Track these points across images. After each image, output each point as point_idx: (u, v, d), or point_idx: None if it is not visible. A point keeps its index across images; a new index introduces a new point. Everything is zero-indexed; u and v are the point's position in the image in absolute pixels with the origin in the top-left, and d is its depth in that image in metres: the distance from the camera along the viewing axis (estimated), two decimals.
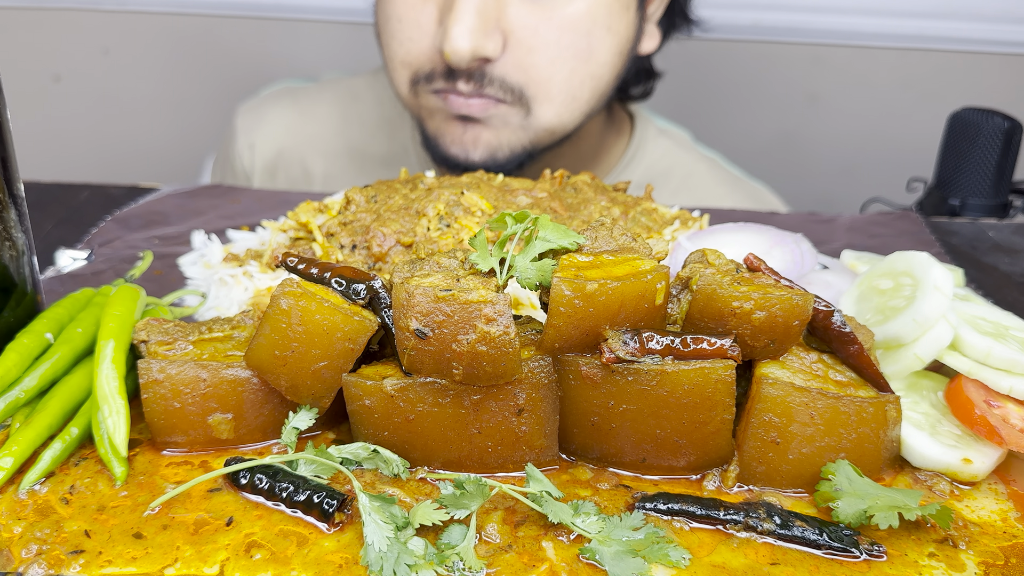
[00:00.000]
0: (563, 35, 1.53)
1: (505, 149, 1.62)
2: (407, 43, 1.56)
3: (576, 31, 1.54)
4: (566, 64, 1.55)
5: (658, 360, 0.83)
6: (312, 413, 0.90)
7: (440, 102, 1.60)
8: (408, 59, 1.58)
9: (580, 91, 1.60)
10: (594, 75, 1.60)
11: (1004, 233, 1.51)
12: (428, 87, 1.59)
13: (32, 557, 0.78)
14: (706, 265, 0.90)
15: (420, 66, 1.58)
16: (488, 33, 1.48)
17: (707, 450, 0.87)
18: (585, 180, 1.33)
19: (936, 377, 0.99)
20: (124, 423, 0.87)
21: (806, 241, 1.21)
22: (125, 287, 1.01)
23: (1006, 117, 1.70)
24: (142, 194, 1.56)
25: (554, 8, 1.52)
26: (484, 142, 1.61)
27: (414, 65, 1.58)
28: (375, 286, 0.90)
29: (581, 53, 1.56)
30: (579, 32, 1.54)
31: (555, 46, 1.53)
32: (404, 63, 1.59)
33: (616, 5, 1.57)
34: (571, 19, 1.53)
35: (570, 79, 1.57)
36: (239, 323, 0.98)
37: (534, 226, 0.88)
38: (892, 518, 0.79)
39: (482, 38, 1.48)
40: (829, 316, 0.89)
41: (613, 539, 0.79)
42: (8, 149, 0.96)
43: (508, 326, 0.80)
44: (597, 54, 1.58)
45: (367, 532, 0.77)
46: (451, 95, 1.57)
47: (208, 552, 0.79)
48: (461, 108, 1.58)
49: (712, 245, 1.19)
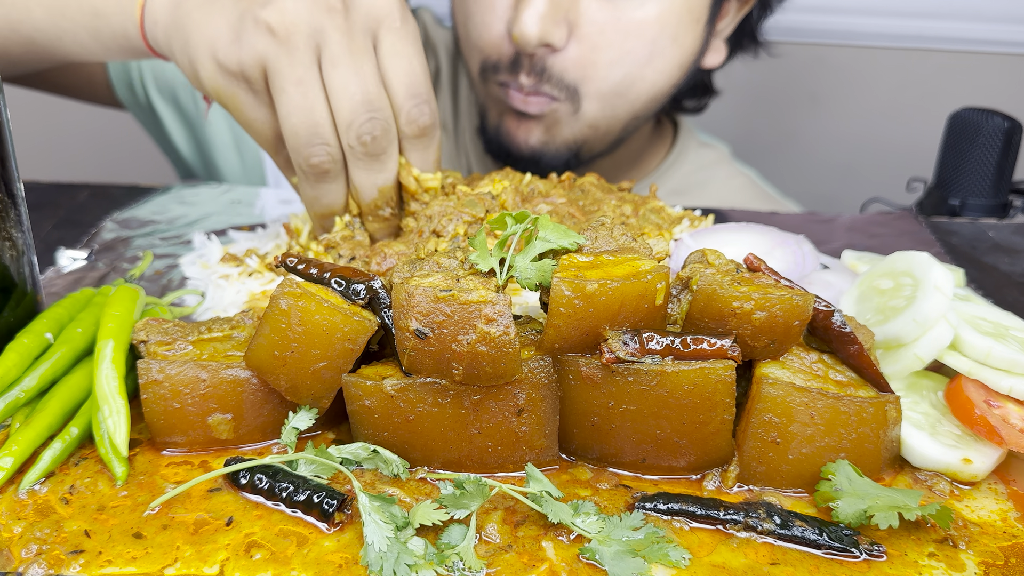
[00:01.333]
0: (628, 38, 1.54)
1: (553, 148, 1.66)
2: (480, 27, 1.57)
3: (642, 37, 1.55)
4: (624, 67, 1.57)
5: (658, 360, 0.83)
6: (312, 413, 0.90)
7: (501, 94, 1.62)
8: (480, 43, 1.59)
9: (629, 93, 1.61)
10: (649, 81, 1.61)
11: (1004, 233, 1.51)
12: (494, 76, 1.61)
13: (32, 557, 0.78)
14: (706, 265, 0.91)
15: (489, 53, 1.59)
16: (557, 22, 1.49)
17: (707, 450, 0.87)
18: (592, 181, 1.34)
19: (936, 377, 0.99)
20: (124, 423, 0.87)
21: (808, 243, 1.21)
22: (124, 287, 1.01)
23: (1006, 117, 1.70)
24: (142, 194, 1.56)
25: (625, 9, 1.53)
26: (535, 137, 1.65)
27: (485, 51, 1.59)
28: (375, 286, 0.90)
29: (641, 59, 1.57)
30: (644, 38, 1.55)
31: (618, 48, 1.54)
32: (476, 47, 1.60)
33: (686, 17, 1.58)
34: (639, 23, 1.54)
35: (623, 81, 1.59)
36: (239, 323, 0.98)
37: (534, 226, 0.88)
38: (892, 518, 0.79)
39: (551, 25, 1.48)
40: (829, 316, 0.89)
41: (613, 539, 0.79)
42: (8, 149, 0.96)
43: (508, 326, 0.80)
44: (656, 62, 1.59)
45: (367, 532, 0.77)
46: (512, 90, 1.59)
47: (208, 552, 0.79)
48: (519, 104, 1.60)
49: (715, 244, 1.19)
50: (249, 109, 1.12)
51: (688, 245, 1.20)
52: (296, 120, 1.06)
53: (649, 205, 1.31)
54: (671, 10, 1.55)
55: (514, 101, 1.60)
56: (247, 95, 1.11)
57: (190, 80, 1.16)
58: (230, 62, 1.07)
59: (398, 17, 1.10)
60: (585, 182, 1.33)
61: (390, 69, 1.09)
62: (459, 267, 0.87)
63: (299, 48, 1.04)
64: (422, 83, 1.11)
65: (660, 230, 1.26)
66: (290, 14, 1.04)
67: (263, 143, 1.16)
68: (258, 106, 1.12)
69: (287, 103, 1.06)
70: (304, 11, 1.05)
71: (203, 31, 1.08)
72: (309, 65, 1.05)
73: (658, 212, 1.30)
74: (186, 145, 1.97)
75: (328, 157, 1.10)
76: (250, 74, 1.08)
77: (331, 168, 1.12)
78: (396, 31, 1.09)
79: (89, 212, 1.48)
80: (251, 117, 1.13)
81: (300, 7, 1.05)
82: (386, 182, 1.13)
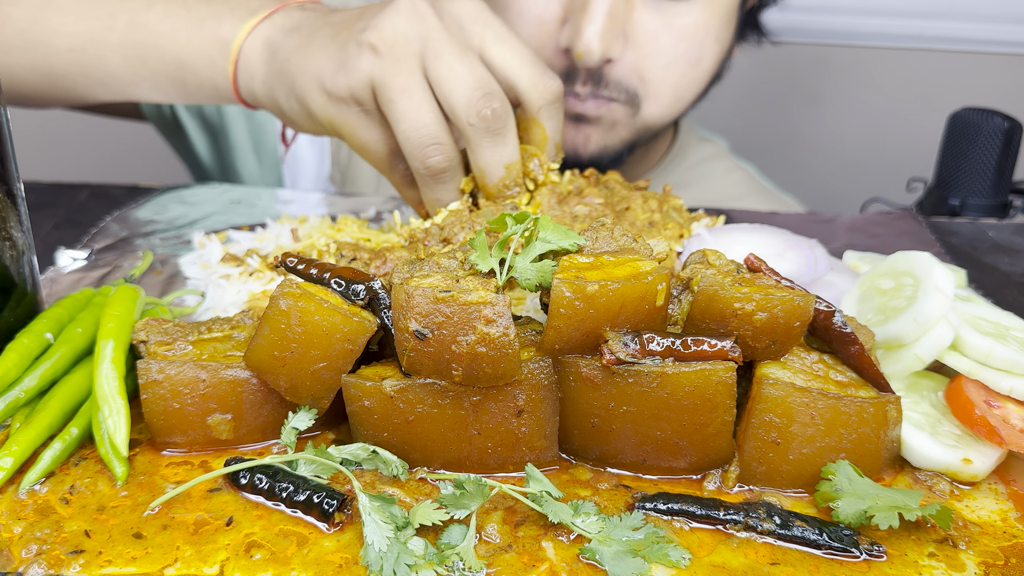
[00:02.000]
0: (680, 42, 1.59)
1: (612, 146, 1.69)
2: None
3: (692, 39, 1.60)
4: (679, 69, 1.62)
5: (659, 362, 0.83)
6: (311, 414, 0.90)
7: None
8: None
9: (685, 94, 1.68)
10: (698, 80, 1.68)
11: (1004, 233, 1.51)
12: None
13: (32, 557, 0.78)
14: (707, 266, 0.90)
15: None
16: (615, 35, 1.53)
17: (708, 451, 0.87)
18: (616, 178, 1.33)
19: (936, 377, 0.99)
20: (125, 423, 0.87)
21: (820, 246, 1.21)
22: (124, 287, 1.01)
23: (1006, 117, 1.70)
24: (142, 194, 1.56)
25: (675, 16, 1.57)
26: (595, 141, 1.67)
27: None
28: (374, 287, 0.90)
29: (692, 60, 1.63)
30: (694, 40, 1.60)
31: (671, 52, 1.59)
32: None
33: (725, 16, 1.64)
34: (689, 28, 1.59)
35: (679, 83, 1.64)
36: (239, 323, 0.98)
37: (534, 227, 0.88)
38: (892, 518, 0.79)
39: (611, 40, 1.52)
40: (830, 316, 0.89)
41: (613, 539, 0.79)
42: (8, 149, 0.96)
43: (508, 327, 0.79)
44: (704, 61, 1.65)
45: (367, 532, 0.77)
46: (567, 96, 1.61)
47: (208, 552, 0.79)
48: (575, 107, 1.62)
49: (728, 244, 1.20)
50: (362, 131, 1.16)
51: (706, 240, 1.21)
52: (406, 126, 1.10)
53: (671, 203, 1.32)
54: (713, 12, 1.60)
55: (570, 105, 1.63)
56: (359, 117, 1.15)
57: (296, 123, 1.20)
58: (339, 89, 1.12)
59: (488, 13, 1.14)
60: (609, 179, 1.33)
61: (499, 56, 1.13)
62: (459, 268, 0.87)
63: (401, 59, 1.09)
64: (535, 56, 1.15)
65: (681, 228, 1.26)
66: (388, 31, 1.09)
67: (377, 163, 1.20)
68: (371, 126, 1.16)
69: (396, 112, 1.10)
70: (402, 25, 1.09)
71: (307, 70, 1.13)
72: (412, 71, 1.09)
73: (679, 211, 1.32)
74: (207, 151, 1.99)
75: (443, 156, 1.14)
76: (360, 96, 1.12)
77: (447, 167, 1.15)
78: (490, 24, 1.14)
79: (89, 212, 1.48)
80: (365, 138, 1.17)
81: (397, 23, 1.09)
82: (511, 158, 1.15)
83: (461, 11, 1.13)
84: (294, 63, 1.15)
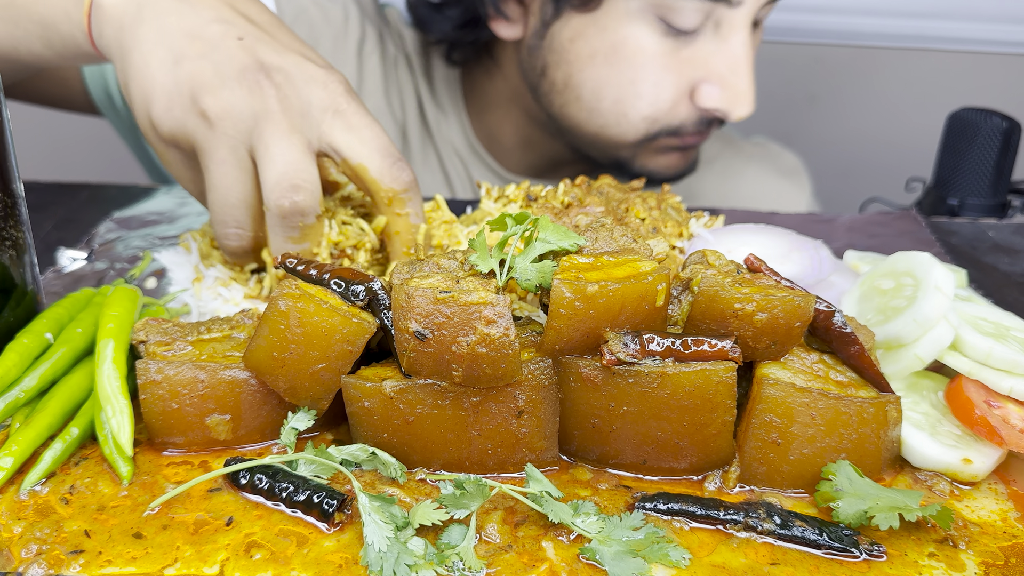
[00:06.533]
0: None
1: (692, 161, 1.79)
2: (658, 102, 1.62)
3: None
4: None
5: (659, 362, 0.83)
6: (310, 415, 0.90)
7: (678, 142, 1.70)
8: (656, 115, 1.64)
9: None
10: None
11: (1004, 233, 1.51)
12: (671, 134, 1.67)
13: (32, 557, 0.78)
14: (707, 266, 0.90)
15: (670, 122, 1.65)
16: None
17: (708, 452, 0.87)
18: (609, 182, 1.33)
19: (936, 377, 0.99)
20: (128, 423, 0.87)
21: (825, 247, 1.21)
22: (122, 287, 1.01)
23: (1005, 117, 1.70)
24: (142, 194, 1.56)
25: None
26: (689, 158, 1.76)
27: (662, 122, 1.65)
28: (374, 288, 0.90)
29: None
30: None
31: None
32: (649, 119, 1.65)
33: None
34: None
35: None
36: (238, 323, 0.98)
37: (534, 227, 0.88)
38: (892, 519, 0.79)
39: None
40: (830, 317, 0.89)
41: (613, 539, 0.79)
42: (8, 149, 0.96)
43: (508, 328, 0.79)
44: None
45: (367, 532, 0.77)
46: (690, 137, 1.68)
47: (208, 552, 0.79)
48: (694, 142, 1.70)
49: (732, 245, 1.20)
50: (177, 167, 1.14)
51: (708, 240, 1.21)
52: (214, 198, 1.08)
53: (669, 202, 1.32)
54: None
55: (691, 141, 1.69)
56: (175, 155, 1.12)
57: None
58: (162, 127, 1.08)
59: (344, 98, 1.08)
60: (603, 184, 1.33)
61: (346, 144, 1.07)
62: (459, 268, 0.87)
63: (228, 132, 1.05)
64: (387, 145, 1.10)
65: (680, 227, 1.27)
66: (224, 102, 1.04)
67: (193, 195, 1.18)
68: (186, 167, 1.13)
69: (208, 180, 1.07)
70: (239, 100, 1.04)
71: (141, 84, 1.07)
72: (234, 147, 1.05)
73: (678, 209, 1.32)
74: None
75: (238, 242, 1.11)
76: (180, 143, 1.09)
77: (239, 251, 1.13)
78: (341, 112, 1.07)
79: (89, 212, 1.48)
80: (178, 175, 1.15)
81: (236, 97, 1.04)
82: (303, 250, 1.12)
83: (312, 96, 1.06)
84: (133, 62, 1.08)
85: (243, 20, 1.10)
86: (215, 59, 1.06)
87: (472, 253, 0.87)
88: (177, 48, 1.07)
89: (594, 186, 1.32)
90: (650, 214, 1.25)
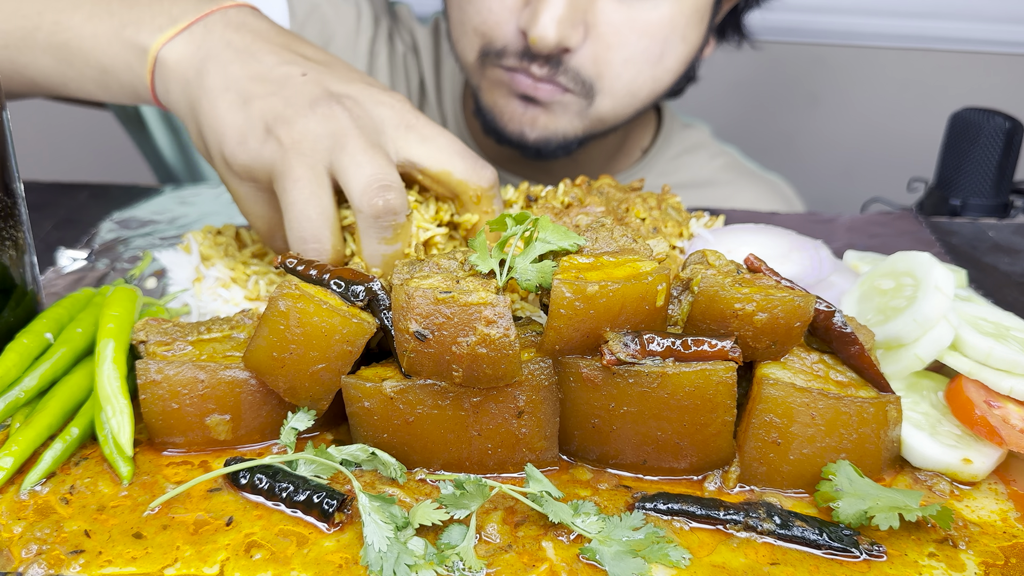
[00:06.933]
0: (642, 38, 1.56)
1: (560, 135, 1.64)
2: (485, 12, 1.55)
3: (654, 37, 1.56)
4: (637, 65, 1.58)
5: (659, 362, 0.83)
6: (310, 415, 0.90)
7: (506, 77, 1.60)
8: (483, 29, 1.57)
9: (640, 91, 1.64)
10: (657, 79, 1.64)
11: (1004, 233, 1.51)
12: (497, 61, 1.59)
13: (32, 557, 0.78)
14: (707, 266, 0.90)
15: (494, 39, 1.57)
16: (575, 24, 1.49)
17: (708, 452, 0.87)
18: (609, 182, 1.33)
19: (936, 377, 0.99)
20: (128, 423, 0.87)
21: (825, 247, 1.21)
22: (122, 288, 1.01)
23: (1007, 117, 1.70)
24: (142, 194, 1.56)
25: (640, 10, 1.54)
26: (541, 125, 1.63)
27: (488, 36, 1.57)
28: (374, 288, 0.90)
29: (652, 57, 1.59)
30: (656, 38, 1.57)
31: (632, 47, 1.56)
32: (477, 32, 1.58)
33: (694, 16, 1.61)
34: (653, 24, 1.55)
35: (635, 79, 1.60)
36: (238, 323, 0.98)
37: (534, 227, 0.88)
38: (892, 519, 0.79)
39: (569, 28, 1.48)
40: (830, 317, 0.89)
41: (613, 539, 0.79)
42: (8, 149, 0.96)
43: (508, 328, 0.79)
44: (666, 60, 1.61)
45: (367, 532, 0.77)
46: (520, 74, 1.58)
47: (208, 552, 0.79)
48: (528, 89, 1.59)
49: (732, 245, 1.20)
50: (250, 203, 1.14)
51: (708, 240, 1.21)
52: (292, 215, 1.07)
53: (669, 201, 1.32)
54: (681, 10, 1.57)
55: (522, 86, 1.59)
56: (250, 190, 1.12)
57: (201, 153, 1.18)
58: (236, 163, 1.09)
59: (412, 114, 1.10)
60: (602, 184, 1.33)
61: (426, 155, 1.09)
62: (459, 268, 0.87)
63: (305, 153, 1.06)
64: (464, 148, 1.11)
65: (680, 227, 1.26)
66: (299, 129, 1.06)
67: (260, 234, 1.18)
68: (259, 201, 1.13)
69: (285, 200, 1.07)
70: (314, 126, 1.06)
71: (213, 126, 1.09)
72: (312, 165, 1.06)
73: (678, 209, 1.31)
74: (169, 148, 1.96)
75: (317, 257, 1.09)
76: (255, 175, 1.09)
77: None
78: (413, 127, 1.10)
79: (89, 212, 1.48)
80: (251, 211, 1.15)
81: (311, 124, 1.06)
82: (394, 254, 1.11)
83: (383, 116, 1.09)
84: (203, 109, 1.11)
85: (302, 59, 1.13)
86: (285, 95, 1.08)
87: (472, 253, 0.87)
88: (245, 91, 1.09)
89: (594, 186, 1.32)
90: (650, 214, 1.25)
